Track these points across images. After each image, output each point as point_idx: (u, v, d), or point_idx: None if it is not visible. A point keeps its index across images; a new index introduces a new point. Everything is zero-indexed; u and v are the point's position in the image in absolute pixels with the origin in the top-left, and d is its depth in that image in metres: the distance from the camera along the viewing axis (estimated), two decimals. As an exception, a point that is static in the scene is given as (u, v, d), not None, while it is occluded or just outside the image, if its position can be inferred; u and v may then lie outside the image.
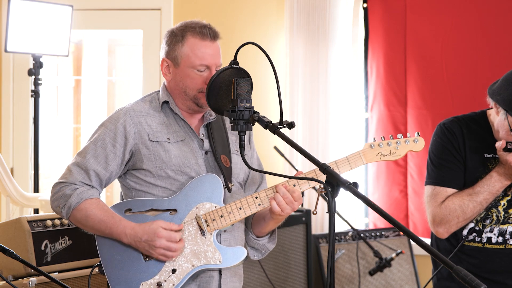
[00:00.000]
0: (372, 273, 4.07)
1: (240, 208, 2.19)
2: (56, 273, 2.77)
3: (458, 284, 2.48)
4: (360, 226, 4.65)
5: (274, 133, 2.04)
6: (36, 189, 4.39)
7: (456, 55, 4.42)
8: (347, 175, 2.05)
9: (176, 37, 2.28)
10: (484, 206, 2.47)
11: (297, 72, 4.68)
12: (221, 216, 2.18)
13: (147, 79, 4.91)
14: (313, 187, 2.35)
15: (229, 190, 2.25)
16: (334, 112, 4.68)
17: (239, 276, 2.34)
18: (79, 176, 2.23)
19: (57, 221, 2.82)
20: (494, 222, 2.53)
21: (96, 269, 2.28)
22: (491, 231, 2.53)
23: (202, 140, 2.30)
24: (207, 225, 2.18)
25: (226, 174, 2.26)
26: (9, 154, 4.81)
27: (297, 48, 4.69)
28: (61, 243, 2.82)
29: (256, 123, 2.09)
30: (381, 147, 2.21)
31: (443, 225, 2.49)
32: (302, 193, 4.45)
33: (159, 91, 2.36)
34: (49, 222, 2.79)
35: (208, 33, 2.27)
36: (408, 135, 2.27)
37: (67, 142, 5.83)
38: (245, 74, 2.18)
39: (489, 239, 2.53)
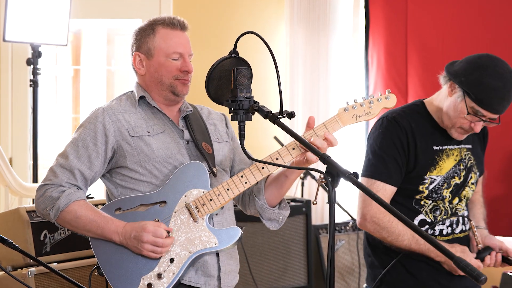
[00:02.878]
0: (372, 263, 4.06)
1: (228, 189, 2.20)
2: (55, 264, 2.76)
3: (389, 273, 2.53)
4: (360, 217, 4.63)
5: (274, 123, 2.03)
6: (35, 179, 4.38)
7: (457, 45, 4.40)
8: (346, 165, 2.04)
9: (146, 31, 2.32)
10: (411, 249, 2.48)
11: (297, 62, 4.66)
12: (210, 200, 2.20)
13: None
14: (313, 178, 2.37)
15: (214, 174, 2.27)
16: (334, 101, 4.67)
17: (235, 259, 2.36)
18: (64, 176, 2.23)
19: (56, 212, 2.81)
20: (443, 213, 2.54)
21: (96, 272, 2.27)
22: (443, 223, 2.54)
23: (182, 130, 2.31)
24: (198, 211, 2.20)
25: (209, 159, 2.28)
26: (8, 144, 4.79)
27: (297, 38, 4.67)
28: (60, 233, 2.81)
29: (256, 113, 2.08)
30: (355, 109, 2.22)
31: (372, 228, 2.50)
32: (303, 184, 4.46)
33: (132, 90, 2.39)
34: (48, 213, 2.78)
35: (177, 23, 2.32)
36: (379, 93, 2.26)
37: (66, 132, 5.81)
38: (244, 63, 2.17)
39: (441, 231, 2.56)
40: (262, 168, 2.20)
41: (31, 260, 2.61)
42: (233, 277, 2.32)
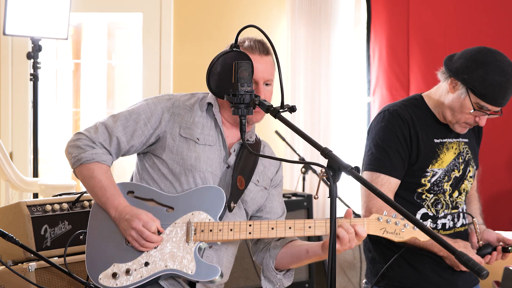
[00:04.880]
0: (373, 258, 4.06)
1: (231, 230, 2.17)
2: (56, 258, 2.75)
3: (392, 268, 2.53)
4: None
5: (275, 117, 2.01)
6: (35, 174, 4.38)
7: (459, 38, 4.38)
8: (347, 159, 2.02)
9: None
10: (415, 244, 2.46)
11: (299, 56, 4.65)
12: (211, 231, 2.17)
13: (147, 62, 4.87)
14: (315, 172, 2.37)
15: (230, 209, 2.23)
16: (336, 96, 4.66)
17: None
18: (102, 137, 2.24)
19: (57, 206, 2.81)
20: (445, 207, 2.54)
21: (81, 236, 2.29)
22: (445, 217, 2.54)
23: (230, 154, 2.28)
24: (194, 234, 2.17)
25: (235, 194, 2.23)
26: (8, 139, 4.79)
27: (299, 32, 4.65)
28: (61, 227, 2.81)
29: (257, 107, 2.06)
30: (388, 223, 2.16)
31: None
32: (304, 178, 4.45)
33: (208, 93, 2.33)
34: (48, 207, 2.78)
35: (257, 46, 2.24)
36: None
37: (66, 126, 5.81)
38: (246, 57, 2.15)
39: (443, 225, 2.55)
40: (272, 228, 2.16)
41: (32, 255, 2.61)
42: None
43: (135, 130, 2.24)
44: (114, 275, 2.16)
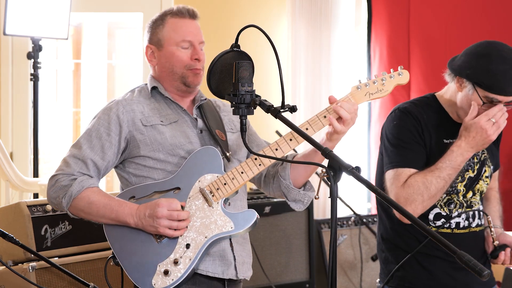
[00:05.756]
0: (374, 258, 4.06)
1: (242, 172, 2.19)
2: (56, 258, 2.75)
3: (403, 268, 2.51)
4: (362, 211, 4.63)
5: (276, 117, 2.02)
6: (35, 174, 4.38)
7: (460, 38, 4.38)
8: (348, 159, 2.02)
9: (156, 23, 2.36)
10: (448, 182, 2.41)
11: (299, 56, 4.64)
12: (225, 184, 2.18)
13: (147, 62, 4.86)
14: (315, 172, 2.38)
15: (228, 159, 2.26)
16: (337, 96, 4.64)
17: (248, 251, 2.35)
18: (77, 166, 2.23)
19: (57, 206, 2.80)
20: (458, 206, 2.52)
21: (111, 262, 2.23)
22: (459, 216, 2.51)
23: (196, 119, 2.31)
24: (213, 195, 2.18)
25: (223, 145, 2.27)
26: (9, 139, 4.78)
27: (299, 31, 4.65)
28: (61, 228, 2.80)
29: (258, 107, 2.06)
30: (367, 87, 2.22)
31: (408, 205, 2.41)
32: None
33: (146, 83, 2.40)
34: (49, 207, 2.77)
35: (186, 11, 2.34)
36: (391, 70, 2.25)
37: (66, 127, 5.80)
38: (246, 57, 2.16)
39: (457, 224, 2.52)
40: (276, 149, 2.18)
41: (32, 255, 2.60)
42: (247, 268, 2.31)
43: (103, 145, 2.24)
44: (166, 272, 2.13)
